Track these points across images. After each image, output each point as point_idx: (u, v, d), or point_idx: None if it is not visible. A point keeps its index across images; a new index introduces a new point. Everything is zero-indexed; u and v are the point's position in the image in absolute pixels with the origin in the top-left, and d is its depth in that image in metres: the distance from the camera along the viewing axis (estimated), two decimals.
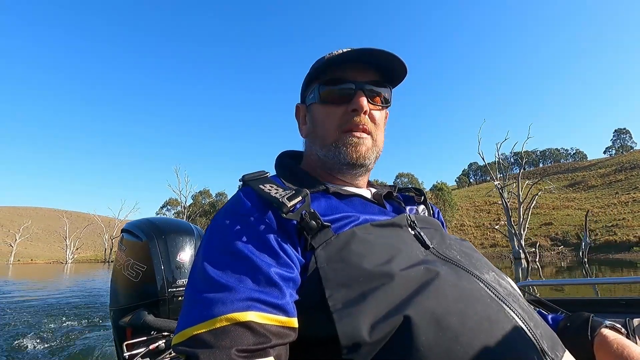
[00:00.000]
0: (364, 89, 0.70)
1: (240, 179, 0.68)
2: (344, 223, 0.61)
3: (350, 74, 0.71)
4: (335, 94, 0.71)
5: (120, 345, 1.30)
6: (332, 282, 0.52)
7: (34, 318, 6.16)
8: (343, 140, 0.70)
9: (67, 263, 61.13)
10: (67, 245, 66.21)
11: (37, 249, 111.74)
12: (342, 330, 0.47)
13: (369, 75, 0.72)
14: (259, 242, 0.55)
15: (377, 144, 0.74)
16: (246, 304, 0.48)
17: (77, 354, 4.02)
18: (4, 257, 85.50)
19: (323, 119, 0.72)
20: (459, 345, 0.46)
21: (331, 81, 0.71)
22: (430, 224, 0.71)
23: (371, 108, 0.71)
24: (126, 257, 1.47)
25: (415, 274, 0.53)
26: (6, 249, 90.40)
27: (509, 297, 0.55)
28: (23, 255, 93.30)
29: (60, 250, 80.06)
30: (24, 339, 4.58)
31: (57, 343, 4.47)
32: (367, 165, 0.73)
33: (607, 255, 36.06)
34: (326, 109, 0.72)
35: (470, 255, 0.64)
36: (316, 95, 0.73)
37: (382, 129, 0.75)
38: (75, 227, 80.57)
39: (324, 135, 0.72)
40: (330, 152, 0.71)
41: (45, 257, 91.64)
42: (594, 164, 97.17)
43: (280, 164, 0.79)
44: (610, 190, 66.49)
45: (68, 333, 4.97)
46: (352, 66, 0.71)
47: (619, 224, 46.18)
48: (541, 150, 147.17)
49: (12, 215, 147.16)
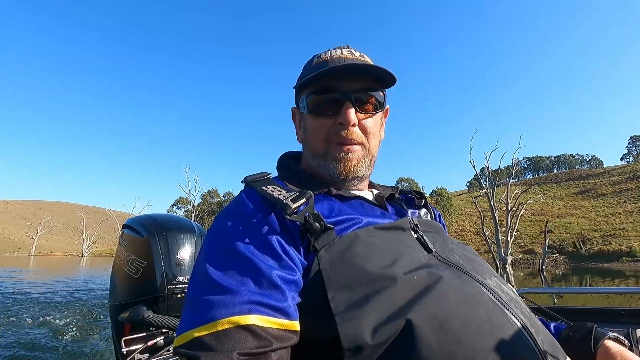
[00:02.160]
0: (352, 99, 0.68)
1: (242, 181, 0.67)
2: (347, 225, 0.60)
3: (338, 82, 0.68)
4: (323, 104, 0.69)
5: (119, 341, 1.29)
6: (335, 284, 0.51)
7: (37, 311, 6.22)
8: (332, 154, 0.69)
9: (83, 256, 64.13)
10: (83, 239, 69.23)
11: (57, 241, 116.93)
12: (345, 332, 0.47)
13: (359, 82, 0.69)
14: (261, 244, 0.55)
15: (371, 151, 0.72)
16: (248, 307, 0.48)
17: (75, 348, 4.02)
18: (26, 249, 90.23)
19: (312, 130, 0.71)
20: (462, 348, 0.46)
21: (319, 90, 0.70)
22: (433, 228, 0.71)
23: (361, 118, 0.69)
24: (127, 253, 1.46)
25: (418, 278, 0.53)
26: (28, 241, 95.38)
27: (511, 303, 0.55)
28: (44, 248, 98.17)
29: (78, 244, 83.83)
30: (24, 332, 4.61)
31: (56, 337, 4.45)
32: (361, 176, 0.72)
33: (598, 265, 36.25)
34: (316, 120, 0.70)
35: (472, 260, 0.64)
36: (305, 104, 0.72)
37: (376, 134, 0.73)
38: (93, 222, 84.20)
39: (314, 147, 0.72)
40: (322, 164, 0.71)
41: (64, 250, 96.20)
42: (608, 171, 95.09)
43: (282, 166, 0.78)
44: (619, 199, 65.48)
45: (67, 327, 5.00)
46: (340, 73, 0.68)
47: (617, 233, 45.95)
48: (555, 156, 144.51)
49: (35, 209, 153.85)
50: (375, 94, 0.71)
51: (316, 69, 0.68)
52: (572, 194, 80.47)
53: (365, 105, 0.70)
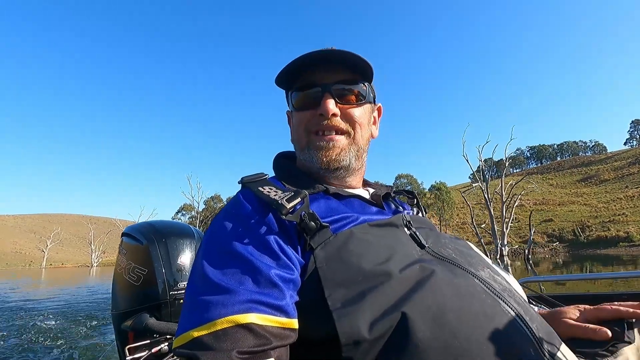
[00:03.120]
0: (331, 90, 0.69)
1: (239, 182, 0.68)
2: (343, 224, 0.61)
3: (318, 77, 0.70)
4: (305, 99, 0.72)
5: (123, 349, 1.28)
6: (331, 281, 0.52)
7: (43, 322, 6.18)
8: (313, 144, 0.71)
9: (92, 266, 65.26)
10: (92, 250, 70.28)
11: (68, 253, 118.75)
12: (342, 329, 0.48)
13: (338, 75, 0.71)
14: (259, 244, 0.55)
15: (357, 142, 0.73)
16: (247, 306, 0.48)
17: (80, 358, 4.03)
18: (37, 262, 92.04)
19: (296, 124, 0.74)
20: (457, 340, 0.47)
21: (300, 87, 0.72)
22: (426, 224, 0.73)
23: (343, 108, 0.71)
24: (127, 261, 1.46)
25: (411, 273, 0.54)
26: (39, 254, 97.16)
27: (504, 292, 0.56)
28: (55, 260, 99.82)
29: (88, 255, 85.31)
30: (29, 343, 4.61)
31: (61, 347, 4.45)
32: (346, 167, 0.72)
33: (595, 251, 36.53)
34: (299, 115, 0.73)
35: (465, 253, 0.65)
36: (291, 102, 0.75)
37: (363, 125, 0.74)
38: (101, 232, 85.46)
39: (299, 140, 0.74)
40: (306, 156, 0.72)
41: (75, 261, 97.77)
42: (610, 156, 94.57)
43: (278, 166, 0.79)
44: (621, 184, 65.34)
45: (72, 337, 5.01)
46: (321, 68, 0.70)
47: (616, 219, 46.13)
48: (558, 144, 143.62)
49: (44, 222, 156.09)
50: (355, 87, 0.72)
51: (290, 69, 0.70)
52: (574, 182, 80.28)
53: (347, 96, 0.71)
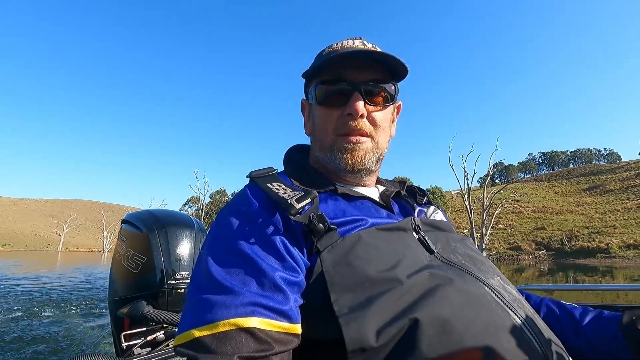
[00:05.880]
0: (361, 90, 0.66)
1: (247, 176, 0.66)
2: (351, 227, 0.59)
3: (348, 72, 0.67)
4: (332, 94, 0.68)
5: (118, 336, 1.29)
6: (338, 286, 0.51)
7: (38, 307, 6.17)
8: (339, 145, 0.68)
9: (104, 252, 68.71)
10: (104, 236, 74.18)
11: (83, 238, 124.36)
12: (349, 335, 0.47)
13: (369, 73, 0.67)
14: (265, 244, 0.54)
15: (379, 146, 0.71)
16: (250, 309, 0.47)
17: (74, 343, 4.02)
18: (54, 245, 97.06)
19: (320, 122, 0.70)
20: (464, 350, 0.46)
21: (328, 80, 0.68)
22: (436, 227, 0.70)
23: (370, 110, 0.68)
24: (126, 248, 1.44)
25: (420, 280, 0.53)
26: (56, 237, 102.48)
27: (515, 303, 0.55)
28: (71, 244, 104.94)
29: (101, 240, 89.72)
30: (24, 327, 4.59)
31: (56, 332, 4.42)
32: (368, 169, 0.71)
33: (575, 261, 37.30)
34: (324, 111, 0.69)
35: (475, 259, 0.63)
36: (314, 95, 0.70)
37: (385, 128, 0.72)
38: (114, 219, 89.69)
39: (322, 139, 0.70)
40: (328, 157, 0.69)
41: (89, 246, 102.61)
42: (621, 166, 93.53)
43: (290, 160, 0.77)
44: (624, 196, 65.14)
45: (69, 322, 5.00)
46: (352, 63, 0.67)
47: (604, 230, 46.52)
48: (572, 151, 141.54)
49: (63, 207, 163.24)
50: (386, 86, 0.69)
51: (326, 60, 0.67)
52: (579, 190, 79.86)
53: (375, 98, 0.68)
